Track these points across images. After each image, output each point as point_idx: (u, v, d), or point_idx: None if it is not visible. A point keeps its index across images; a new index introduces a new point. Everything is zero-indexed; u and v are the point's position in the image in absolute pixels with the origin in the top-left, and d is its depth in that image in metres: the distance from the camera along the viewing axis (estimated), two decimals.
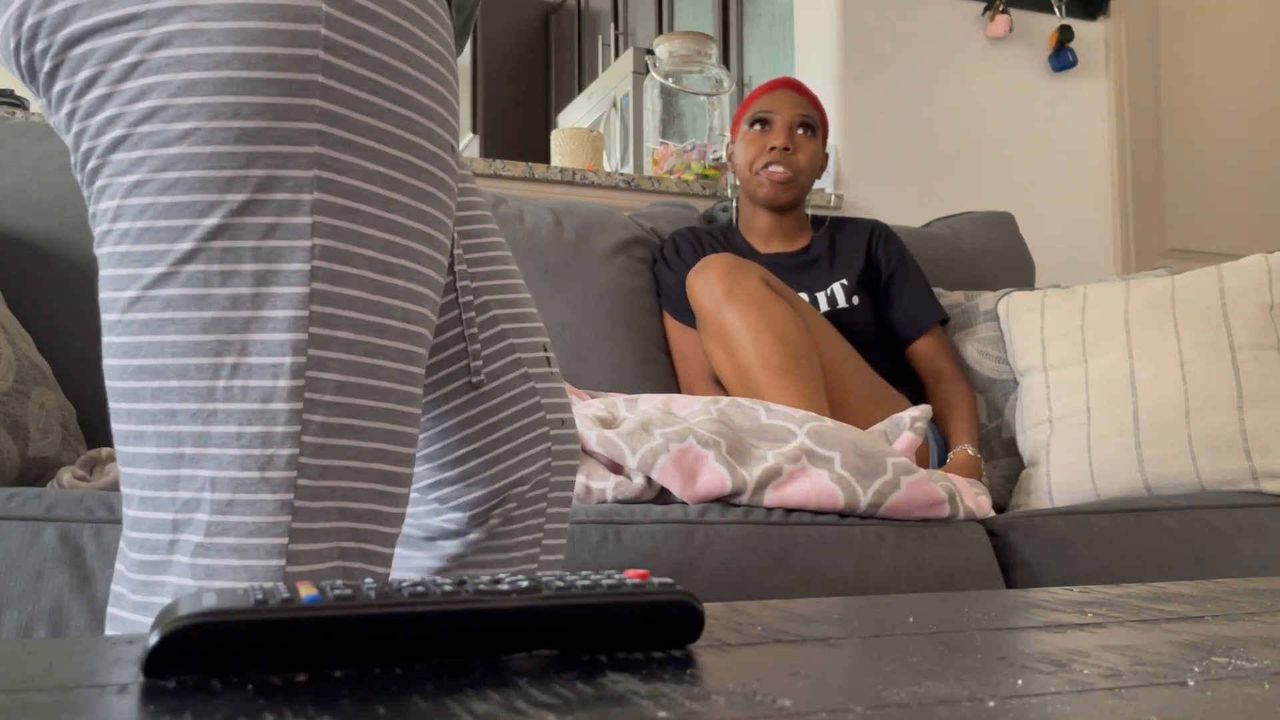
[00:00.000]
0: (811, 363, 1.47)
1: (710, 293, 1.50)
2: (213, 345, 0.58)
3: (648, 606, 0.41)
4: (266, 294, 0.58)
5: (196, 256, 0.58)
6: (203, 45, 0.58)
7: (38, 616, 0.88)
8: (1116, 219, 2.78)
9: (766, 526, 1.14)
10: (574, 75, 4.98)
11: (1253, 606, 0.56)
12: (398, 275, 0.63)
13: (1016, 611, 0.53)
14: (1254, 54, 3.09)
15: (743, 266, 1.51)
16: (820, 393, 1.46)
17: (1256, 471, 1.43)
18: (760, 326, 1.46)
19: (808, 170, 1.76)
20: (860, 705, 0.32)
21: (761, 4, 3.45)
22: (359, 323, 0.61)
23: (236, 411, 0.58)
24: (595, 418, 1.22)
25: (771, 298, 1.49)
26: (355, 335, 0.61)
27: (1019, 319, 1.75)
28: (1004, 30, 2.64)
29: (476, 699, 0.33)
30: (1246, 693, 0.35)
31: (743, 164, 1.78)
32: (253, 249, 0.58)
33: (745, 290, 1.48)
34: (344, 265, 0.60)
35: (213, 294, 0.58)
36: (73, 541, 0.90)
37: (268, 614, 0.36)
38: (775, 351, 1.44)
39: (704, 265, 1.53)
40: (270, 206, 0.58)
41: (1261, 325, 1.52)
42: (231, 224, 0.58)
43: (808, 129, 1.76)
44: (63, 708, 0.32)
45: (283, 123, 0.59)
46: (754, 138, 1.76)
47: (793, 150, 1.74)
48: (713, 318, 1.50)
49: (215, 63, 0.58)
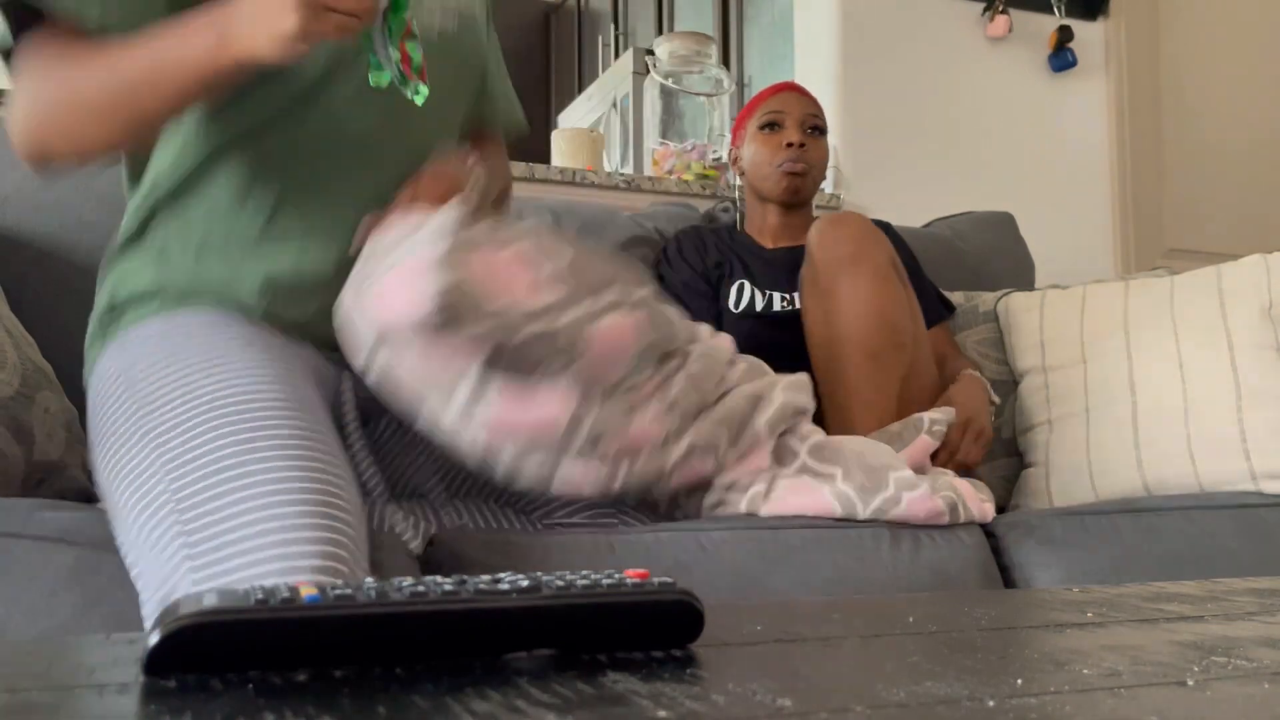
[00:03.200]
0: (902, 357, 1.44)
1: (836, 251, 1.45)
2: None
3: (648, 606, 0.41)
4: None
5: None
6: None
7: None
8: (1116, 219, 2.78)
9: (763, 530, 1.14)
10: (574, 75, 4.98)
11: (1252, 606, 0.56)
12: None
13: (1016, 611, 0.53)
14: (1253, 54, 3.09)
15: (875, 235, 1.47)
16: (895, 390, 1.43)
17: (1255, 472, 1.43)
18: (871, 301, 1.42)
19: (819, 167, 1.78)
20: (860, 705, 0.33)
21: (761, 4, 3.45)
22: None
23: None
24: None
25: (893, 277, 1.45)
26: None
27: (1018, 319, 1.75)
28: (1004, 30, 2.64)
29: (476, 698, 0.33)
30: (1246, 692, 0.35)
31: (757, 164, 1.79)
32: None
33: (871, 260, 1.43)
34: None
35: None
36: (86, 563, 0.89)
37: (268, 613, 0.36)
38: (876, 333, 1.41)
39: (838, 220, 1.48)
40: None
41: (1260, 326, 1.52)
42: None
43: (817, 130, 1.79)
44: (64, 707, 0.32)
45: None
46: (766, 139, 1.78)
47: (806, 148, 1.76)
48: (828, 277, 1.45)
49: None
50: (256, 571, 0.72)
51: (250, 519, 0.74)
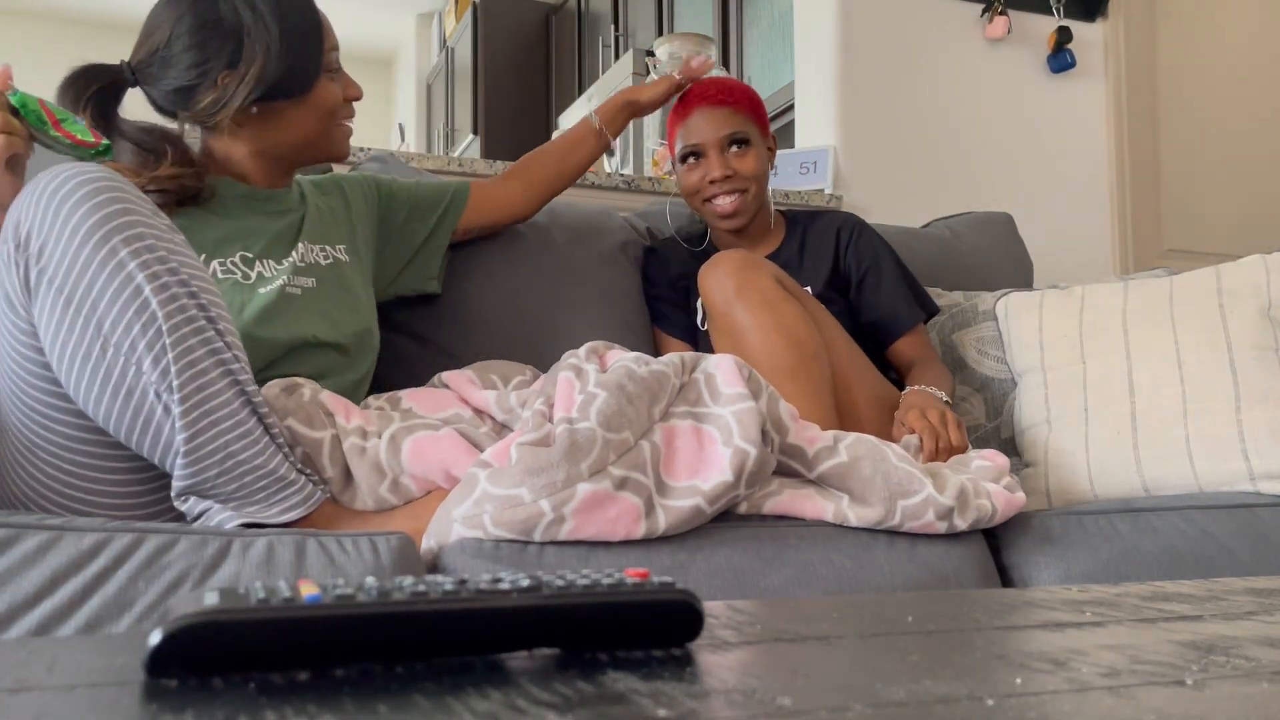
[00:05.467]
0: (820, 364, 1.45)
1: (721, 289, 1.48)
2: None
3: (647, 605, 0.41)
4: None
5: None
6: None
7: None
8: (1114, 219, 2.78)
9: (760, 526, 1.14)
10: (574, 76, 4.98)
11: (1251, 606, 0.56)
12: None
13: (1015, 610, 0.53)
14: (1251, 55, 3.10)
15: (754, 264, 1.49)
16: (828, 395, 1.45)
17: (1254, 472, 1.43)
18: (770, 326, 1.44)
19: (754, 178, 1.70)
20: (859, 703, 0.33)
21: (761, 4, 3.45)
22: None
23: None
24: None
25: (783, 297, 1.47)
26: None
27: (1017, 319, 1.75)
28: (1003, 31, 2.64)
29: (477, 697, 0.33)
30: (1245, 691, 0.35)
31: (689, 195, 1.74)
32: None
33: (756, 288, 1.46)
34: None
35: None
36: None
37: (269, 613, 0.36)
38: (784, 352, 1.43)
39: (716, 261, 1.51)
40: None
41: (1259, 326, 1.52)
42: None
43: (739, 144, 1.69)
44: (66, 705, 0.32)
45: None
46: (689, 170, 1.71)
47: (732, 173, 1.68)
48: (723, 315, 1.48)
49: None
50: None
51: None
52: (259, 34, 1.22)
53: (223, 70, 1.23)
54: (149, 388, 0.94)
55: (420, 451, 1.09)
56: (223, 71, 1.23)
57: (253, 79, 1.22)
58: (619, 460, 1.04)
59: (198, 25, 1.22)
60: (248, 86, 1.22)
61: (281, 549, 0.94)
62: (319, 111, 1.31)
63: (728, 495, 1.09)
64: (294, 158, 1.34)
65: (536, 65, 5.25)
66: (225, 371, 0.97)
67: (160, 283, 0.94)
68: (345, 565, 0.95)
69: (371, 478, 1.08)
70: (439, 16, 6.13)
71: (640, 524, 1.04)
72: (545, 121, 5.14)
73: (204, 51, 1.22)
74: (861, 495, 1.17)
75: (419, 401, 1.23)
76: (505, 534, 1.01)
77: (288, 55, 1.24)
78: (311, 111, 1.30)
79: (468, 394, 1.25)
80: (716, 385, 1.15)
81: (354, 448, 1.08)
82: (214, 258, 1.23)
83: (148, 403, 0.94)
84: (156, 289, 0.94)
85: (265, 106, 1.26)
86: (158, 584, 0.88)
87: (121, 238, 0.93)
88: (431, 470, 1.09)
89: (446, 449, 1.10)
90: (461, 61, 5.40)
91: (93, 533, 0.89)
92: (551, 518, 1.00)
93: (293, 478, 1.02)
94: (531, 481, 1.01)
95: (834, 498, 1.18)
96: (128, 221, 0.94)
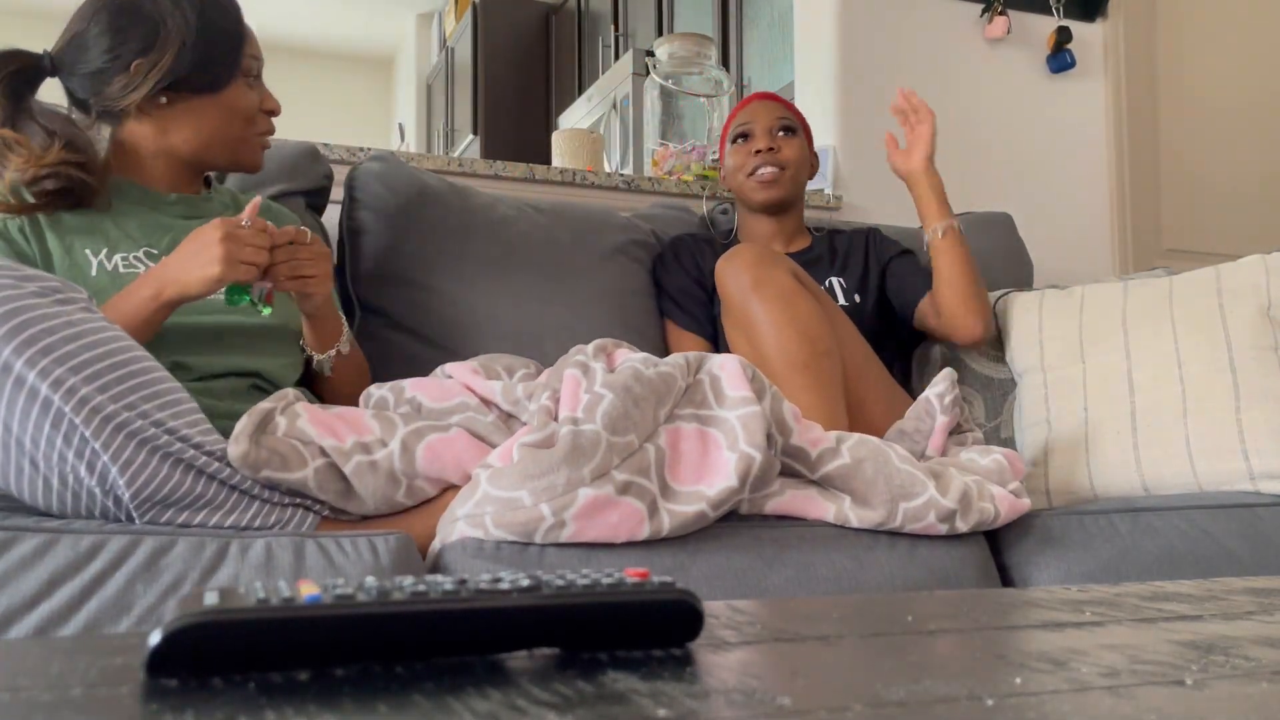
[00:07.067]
0: (832, 361, 1.46)
1: (738, 282, 1.49)
2: None
3: (647, 605, 0.41)
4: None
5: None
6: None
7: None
8: (1114, 219, 2.78)
9: (761, 527, 1.14)
10: (574, 77, 4.98)
11: (1251, 606, 0.56)
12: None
13: (1015, 610, 0.53)
14: (1251, 55, 3.10)
15: (772, 258, 1.50)
16: (839, 392, 1.45)
17: (1254, 472, 1.43)
18: (785, 321, 1.44)
19: (795, 164, 1.80)
20: (859, 703, 0.33)
21: (761, 5, 3.45)
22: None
23: None
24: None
25: (799, 292, 1.48)
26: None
27: (1017, 319, 1.75)
28: (1002, 31, 2.64)
29: (477, 697, 0.33)
30: (1244, 691, 0.35)
31: (734, 175, 1.83)
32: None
33: (773, 283, 1.47)
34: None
35: None
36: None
37: (269, 613, 0.36)
38: (798, 347, 1.43)
39: (734, 254, 1.52)
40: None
41: (1259, 326, 1.52)
42: None
43: (787, 130, 1.81)
44: (65, 706, 0.32)
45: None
46: (738, 150, 1.83)
47: (776, 150, 1.78)
48: (739, 308, 1.49)
49: None
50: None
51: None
52: (176, 24, 1.23)
53: (136, 57, 1.22)
54: (94, 490, 0.93)
55: (435, 454, 1.09)
56: (136, 58, 1.22)
57: (164, 67, 1.22)
58: (623, 464, 1.04)
59: (116, 12, 1.23)
60: (159, 73, 1.21)
61: (280, 550, 0.94)
62: (230, 113, 1.29)
63: (732, 500, 1.09)
64: (202, 158, 1.31)
65: (536, 65, 5.25)
66: (164, 455, 0.94)
67: (67, 388, 0.89)
68: (344, 566, 0.95)
69: (387, 488, 1.07)
70: (439, 16, 6.13)
71: (644, 527, 1.04)
72: (545, 122, 5.14)
73: (119, 36, 1.22)
74: (864, 497, 1.17)
75: (424, 390, 1.23)
76: (506, 535, 1.01)
77: (203, 48, 1.24)
78: (223, 112, 1.28)
79: (473, 384, 1.25)
80: (721, 387, 1.14)
81: (360, 466, 1.05)
82: (116, 253, 1.22)
83: (98, 502, 0.94)
84: (64, 395, 0.89)
85: (176, 98, 1.26)
86: (156, 586, 0.88)
87: (11, 348, 0.88)
88: (448, 470, 1.09)
89: (460, 448, 1.10)
90: (461, 61, 5.40)
91: (90, 535, 0.89)
92: (552, 521, 1.00)
93: (270, 522, 1.01)
94: (532, 485, 1.01)
95: (836, 499, 1.18)
96: (16, 325, 0.89)
